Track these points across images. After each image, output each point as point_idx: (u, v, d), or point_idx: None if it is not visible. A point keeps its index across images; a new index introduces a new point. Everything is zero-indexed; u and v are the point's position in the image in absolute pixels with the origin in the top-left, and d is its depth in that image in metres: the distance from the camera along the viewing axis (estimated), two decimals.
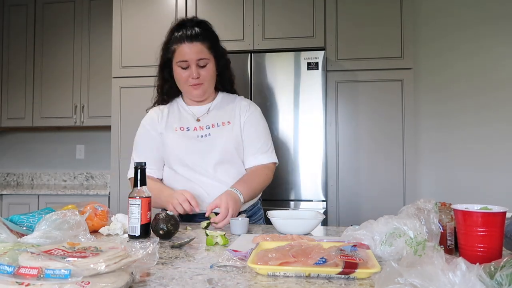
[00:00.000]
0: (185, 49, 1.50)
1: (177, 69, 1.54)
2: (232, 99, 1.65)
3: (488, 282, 0.59)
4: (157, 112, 1.62)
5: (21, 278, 0.63)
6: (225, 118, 1.58)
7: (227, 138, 1.54)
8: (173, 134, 1.55)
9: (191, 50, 1.49)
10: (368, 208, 2.65)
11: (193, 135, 1.55)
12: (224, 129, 1.55)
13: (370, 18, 2.72)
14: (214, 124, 1.57)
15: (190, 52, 1.49)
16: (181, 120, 1.59)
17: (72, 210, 1.03)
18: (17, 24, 3.54)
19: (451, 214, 1.00)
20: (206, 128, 1.56)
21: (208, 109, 1.60)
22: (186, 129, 1.56)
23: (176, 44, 1.52)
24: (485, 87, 3.05)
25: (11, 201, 3.19)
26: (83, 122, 3.42)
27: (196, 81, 1.51)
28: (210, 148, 1.52)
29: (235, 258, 0.90)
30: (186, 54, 1.49)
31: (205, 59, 1.52)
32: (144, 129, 1.62)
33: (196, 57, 1.49)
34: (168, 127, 1.57)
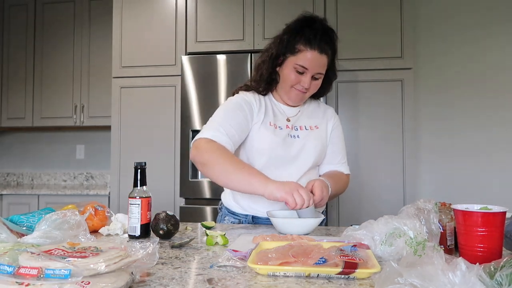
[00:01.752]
0: (311, 56, 1.38)
1: (291, 69, 1.42)
2: (317, 103, 1.63)
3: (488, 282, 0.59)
4: (255, 97, 1.48)
5: (21, 278, 0.63)
6: (313, 122, 1.54)
7: (315, 144, 1.50)
8: (267, 129, 1.45)
9: (316, 61, 1.39)
10: (368, 208, 2.65)
11: (285, 133, 1.47)
12: (313, 134, 1.51)
13: (370, 18, 2.72)
14: (302, 126, 1.51)
15: (315, 63, 1.39)
16: (274, 116, 1.49)
17: (72, 210, 1.03)
18: (17, 24, 3.54)
19: (451, 214, 1.00)
20: (295, 130, 1.50)
21: (298, 111, 1.55)
22: (279, 128, 1.47)
23: (303, 46, 1.39)
24: (485, 87, 3.05)
25: (11, 201, 3.19)
26: (83, 122, 3.42)
27: (304, 90, 1.44)
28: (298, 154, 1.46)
29: (235, 258, 0.90)
30: (310, 62, 1.39)
31: (321, 74, 1.44)
32: (240, 105, 1.44)
33: (317, 69, 1.41)
34: (265, 119, 1.46)
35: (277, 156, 1.44)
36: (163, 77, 2.90)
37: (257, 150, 1.45)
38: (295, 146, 1.47)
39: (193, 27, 2.87)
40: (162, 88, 2.90)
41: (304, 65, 1.39)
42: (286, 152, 1.45)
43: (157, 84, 2.91)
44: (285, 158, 1.45)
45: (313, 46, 1.38)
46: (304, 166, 1.47)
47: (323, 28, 1.42)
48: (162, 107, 2.90)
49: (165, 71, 2.90)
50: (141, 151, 2.89)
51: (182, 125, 2.76)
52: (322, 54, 1.39)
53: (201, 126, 2.72)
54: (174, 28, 2.90)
